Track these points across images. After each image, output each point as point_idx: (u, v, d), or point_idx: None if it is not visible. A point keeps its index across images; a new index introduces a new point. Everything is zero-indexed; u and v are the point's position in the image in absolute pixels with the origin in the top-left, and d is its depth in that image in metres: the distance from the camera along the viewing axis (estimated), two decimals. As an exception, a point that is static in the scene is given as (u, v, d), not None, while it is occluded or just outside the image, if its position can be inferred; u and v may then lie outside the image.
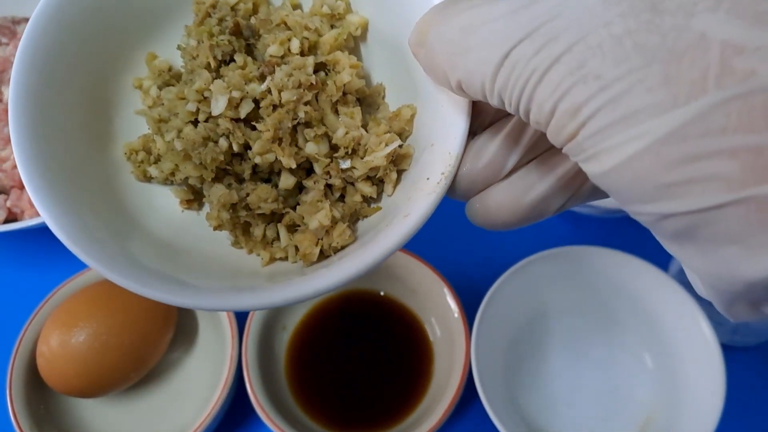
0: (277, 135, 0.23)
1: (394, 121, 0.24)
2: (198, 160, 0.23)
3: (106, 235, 0.22)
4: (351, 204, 0.24)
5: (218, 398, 0.37)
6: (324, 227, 0.23)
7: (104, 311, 0.38)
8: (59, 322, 0.38)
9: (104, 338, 0.37)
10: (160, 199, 0.25)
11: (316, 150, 0.23)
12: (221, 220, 0.24)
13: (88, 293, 0.40)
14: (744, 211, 0.14)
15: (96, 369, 0.38)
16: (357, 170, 0.23)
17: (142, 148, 0.25)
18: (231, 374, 0.38)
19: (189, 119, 0.24)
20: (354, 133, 0.23)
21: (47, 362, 0.38)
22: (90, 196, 0.23)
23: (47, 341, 0.38)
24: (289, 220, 0.24)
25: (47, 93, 0.23)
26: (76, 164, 0.23)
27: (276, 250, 0.24)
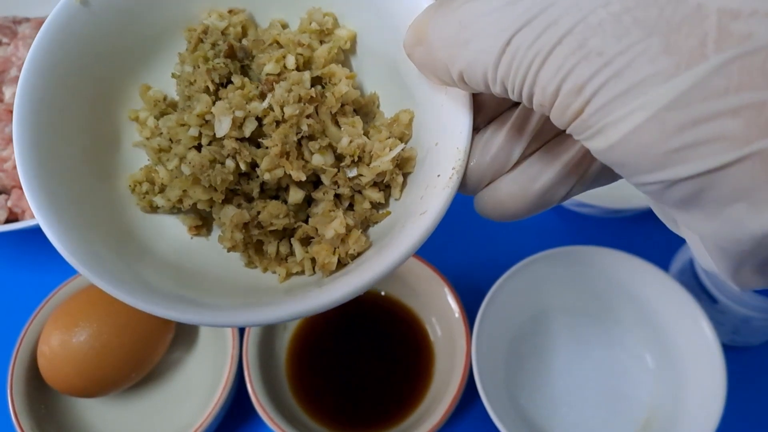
0: (284, 150, 0.23)
1: (393, 127, 0.24)
2: (207, 183, 0.23)
3: (120, 263, 0.22)
4: (361, 211, 0.24)
5: (219, 398, 0.37)
6: (340, 235, 0.23)
7: (105, 311, 0.38)
8: (60, 322, 0.38)
9: (105, 338, 0.37)
10: (168, 227, 0.25)
11: (323, 161, 0.24)
12: (235, 240, 0.24)
13: (89, 293, 0.40)
14: (749, 167, 0.14)
15: (97, 369, 0.38)
16: (364, 177, 0.24)
17: (146, 179, 0.25)
18: (232, 374, 0.38)
19: (192, 144, 0.24)
20: (358, 140, 0.24)
21: (48, 362, 0.38)
22: (99, 228, 0.23)
23: (48, 341, 0.38)
24: (302, 233, 0.24)
25: (50, 128, 0.23)
26: (82, 198, 0.23)
27: (292, 265, 0.24)
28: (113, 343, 0.37)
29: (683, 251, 0.42)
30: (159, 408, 0.42)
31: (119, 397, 0.42)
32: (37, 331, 0.40)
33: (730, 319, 0.39)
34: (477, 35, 0.17)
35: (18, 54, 0.51)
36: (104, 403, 0.42)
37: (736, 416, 0.37)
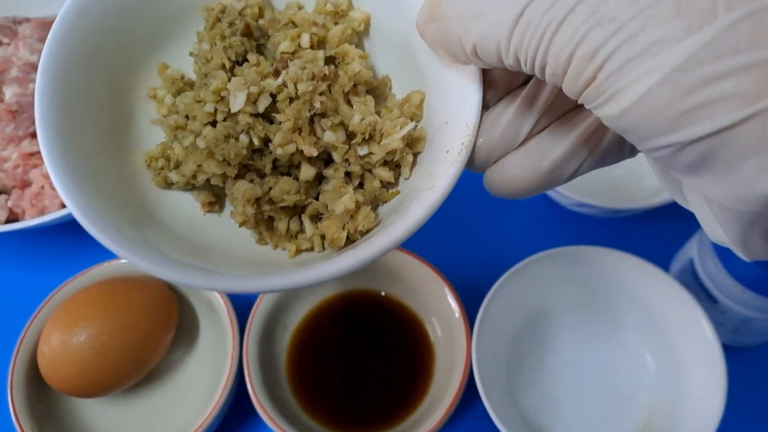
0: (296, 125, 0.23)
1: (405, 107, 0.25)
2: (221, 157, 0.24)
3: (135, 233, 0.23)
4: (370, 190, 0.25)
5: (219, 398, 0.37)
6: (349, 211, 0.24)
7: (105, 311, 0.38)
8: (60, 322, 0.38)
9: (105, 338, 0.37)
10: (182, 204, 0.26)
11: (334, 138, 0.24)
12: (246, 215, 0.24)
13: (89, 293, 0.40)
14: (760, 124, 0.14)
15: (97, 369, 0.38)
16: (375, 155, 0.24)
17: (161, 156, 0.26)
18: (232, 374, 0.38)
19: (207, 120, 0.25)
20: (369, 118, 0.24)
21: (48, 362, 0.38)
22: (116, 201, 0.24)
23: (48, 341, 0.38)
24: (312, 210, 0.25)
25: (69, 105, 0.24)
26: (101, 173, 0.24)
27: (302, 242, 0.25)
28: (113, 343, 0.37)
29: (683, 251, 0.42)
30: (159, 408, 0.42)
31: (119, 397, 0.42)
32: (38, 331, 0.40)
33: (730, 319, 0.39)
34: (490, 8, 0.17)
35: (18, 54, 0.51)
36: (104, 403, 0.42)
37: (736, 416, 0.37)
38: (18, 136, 0.48)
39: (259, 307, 0.40)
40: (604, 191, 0.45)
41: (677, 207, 0.43)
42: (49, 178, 0.47)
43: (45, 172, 0.47)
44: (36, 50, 0.51)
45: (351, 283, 0.44)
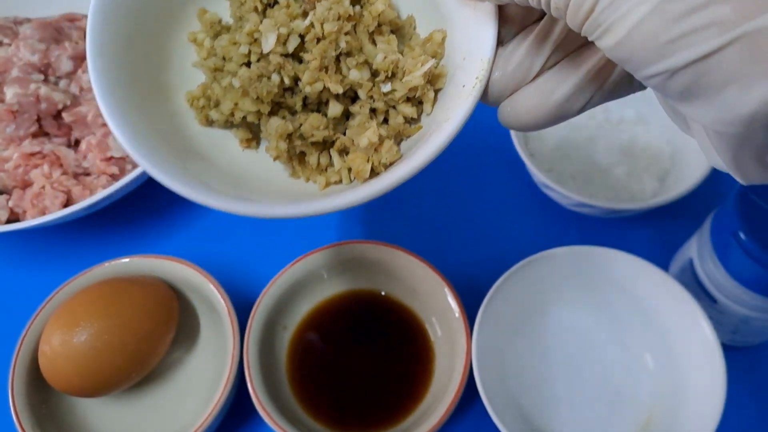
0: (323, 63, 0.25)
1: (427, 45, 0.27)
2: (255, 95, 0.26)
3: (179, 164, 0.25)
4: (394, 125, 0.26)
5: (219, 397, 0.37)
6: (373, 144, 0.26)
7: (106, 311, 0.38)
8: (61, 322, 0.38)
9: (106, 338, 0.37)
10: (222, 141, 0.28)
11: (359, 76, 0.26)
12: (279, 150, 0.26)
13: (90, 293, 0.40)
14: (738, 50, 0.16)
15: (98, 368, 0.38)
16: (397, 91, 0.26)
17: (202, 95, 0.28)
18: (232, 373, 0.38)
19: (242, 62, 0.27)
20: (392, 57, 0.26)
21: (49, 362, 0.38)
22: (161, 136, 0.26)
23: (49, 341, 0.38)
24: (340, 144, 0.27)
25: (117, 51, 0.26)
26: (148, 112, 0.26)
27: (331, 175, 0.27)
28: (114, 342, 0.38)
29: (683, 251, 0.42)
30: (160, 407, 0.42)
31: (120, 397, 0.42)
32: (38, 331, 0.40)
33: (730, 319, 0.39)
34: None
35: (19, 54, 0.51)
36: (105, 403, 0.42)
37: (736, 415, 0.37)
38: (19, 137, 0.48)
39: (259, 306, 0.40)
40: (604, 191, 0.45)
41: (677, 207, 0.44)
42: (50, 179, 0.47)
43: (45, 172, 0.47)
44: (37, 50, 0.51)
45: (351, 282, 0.44)
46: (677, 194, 0.42)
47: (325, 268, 0.43)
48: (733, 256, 0.35)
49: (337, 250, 0.42)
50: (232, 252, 0.50)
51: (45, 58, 0.51)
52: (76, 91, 0.52)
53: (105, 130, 0.49)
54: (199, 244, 0.50)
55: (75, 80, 0.52)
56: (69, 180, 0.47)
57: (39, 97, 0.49)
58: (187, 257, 0.43)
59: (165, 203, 0.53)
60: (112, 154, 0.48)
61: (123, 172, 0.48)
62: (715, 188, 0.49)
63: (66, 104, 0.50)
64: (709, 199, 0.49)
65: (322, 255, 0.42)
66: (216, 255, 0.49)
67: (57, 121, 0.50)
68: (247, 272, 0.48)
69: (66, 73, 0.52)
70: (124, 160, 0.48)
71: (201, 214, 0.52)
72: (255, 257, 0.49)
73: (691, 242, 0.41)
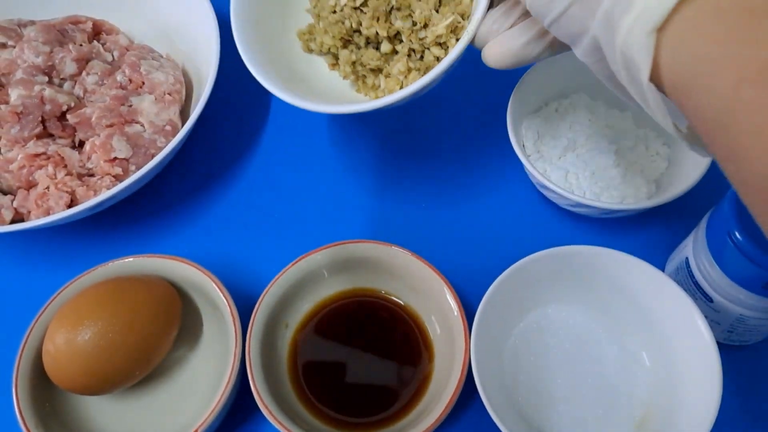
0: (375, 14, 0.38)
1: (457, 6, 0.38)
2: (332, 34, 0.40)
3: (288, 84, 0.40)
4: (427, 61, 0.39)
5: (222, 395, 0.38)
6: (402, 72, 0.39)
7: (110, 310, 0.39)
8: (65, 321, 0.39)
9: (110, 336, 0.38)
10: (317, 65, 0.44)
11: (402, 25, 0.38)
12: (346, 72, 0.42)
13: (93, 292, 0.40)
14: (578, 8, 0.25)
15: (101, 367, 0.38)
16: (428, 38, 0.38)
17: (307, 32, 0.43)
18: (235, 371, 0.39)
19: (331, 11, 0.40)
20: (426, 13, 0.38)
21: (53, 360, 0.38)
22: (277, 64, 0.41)
23: (53, 339, 0.38)
24: (386, 72, 0.41)
25: (254, 16, 0.41)
26: (269, 43, 0.42)
27: (379, 93, 0.41)
28: (118, 341, 0.38)
29: (678, 251, 0.43)
30: (163, 405, 0.43)
31: (123, 395, 0.43)
32: (43, 330, 0.40)
33: (726, 318, 0.39)
34: None
35: (23, 57, 0.51)
36: (108, 401, 0.43)
37: (731, 413, 0.37)
38: (23, 138, 0.49)
39: (261, 305, 0.41)
40: (601, 192, 0.46)
41: (673, 208, 0.44)
42: (54, 179, 0.47)
43: (50, 173, 0.48)
44: (41, 53, 0.51)
45: (351, 281, 0.44)
46: (673, 195, 0.42)
47: (326, 267, 0.43)
48: (729, 256, 0.36)
49: (337, 249, 0.42)
50: (234, 251, 0.50)
51: (49, 60, 0.52)
52: (80, 92, 0.52)
53: (109, 132, 0.49)
54: (202, 243, 0.51)
55: (79, 82, 0.52)
56: (73, 181, 0.48)
57: (43, 98, 0.49)
58: (189, 257, 0.43)
59: (168, 204, 0.53)
60: (116, 155, 0.48)
61: (126, 173, 0.49)
62: (710, 189, 0.49)
63: (70, 106, 0.50)
64: (705, 199, 0.49)
65: (322, 254, 0.42)
66: (218, 254, 0.49)
67: (61, 123, 0.50)
68: (248, 271, 0.48)
69: (70, 75, 0.52)
70: (128, 161, 0.49)
71: (203, 215, 0.52)
72: (256, 257, 0.50)
73: (687, 242, 0.41)
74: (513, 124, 0.46)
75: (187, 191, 0.53)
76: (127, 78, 0.52)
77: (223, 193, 0.53)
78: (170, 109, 0.51)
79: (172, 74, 0.53)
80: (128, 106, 0.51)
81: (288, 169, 0.53)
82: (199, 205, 0.53)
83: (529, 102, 0.49)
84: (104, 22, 0.58)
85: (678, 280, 0.40)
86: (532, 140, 0.48)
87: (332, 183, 0.52)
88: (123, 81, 0.52)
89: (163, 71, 0.53)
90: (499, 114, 0.46)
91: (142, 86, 0.52)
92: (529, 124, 0.48)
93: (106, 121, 0.49)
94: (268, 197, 0.53)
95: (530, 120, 0.49)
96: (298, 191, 0.52)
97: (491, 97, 0.55)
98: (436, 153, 0.52)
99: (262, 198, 0.53)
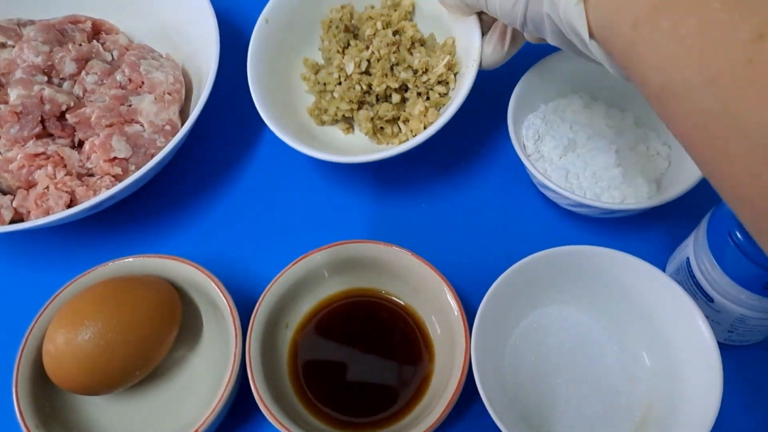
0: (384, 72, 0.45)
1: (444, 48, 0.46)
2: (348, 99, 0.46)
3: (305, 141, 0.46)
4: (434, 100, 0.46)
5: (222, 395, 0.38)
6: (422, 112, 0.45)
7: (110, 310, 0.39)
8: (65, 321, 0.39)
9: (110, 336, 0.38)
10: (332, 132, 0.50)
11: (406, 75, 0.45)
12: (368, 128, 0.47)
13: (94, 292, 0.40)
14: None
15: (102, 367, 0.38)
16: (431, 79, 0.45)
17: (315, 108, 0.49)
18: (235, 372, 0.39)
19: (336, 83, 0.46)
20: (424, 59, 0.45)
21: (53, 360, 0.38)
22: (299, 133, 0.47)
23: (53, 339, 0.38)
24: (404, 117, 0.46)
25: (264, 84, 0.47)
26: (288, 120, 0.48)
27: (402, 137, 0.47)
28: (118, 341, 0.38)
29: (679, 251, 0.43)
30: (163, 405, 0.43)
31: (124, 395, 0.43)
32: (42, 330, 0.40)
33: (726, 318, 0.39)
34: None
35: (23, 56, 0.51)
36: (109, 401, 0.43)
37: (732, 413, 0.37)
38: (23, 137, 0.49)
39: (261, 305, 0.41)
40: (601, 192, 0.46)
41: (673, 207, 0.44)
42: (54, 179, 0.47)
43: (49, 173, 0.48)
44: (40, 52, 0.51)
45: (352, 281, 0.44)
46: (674, 195, 0.42)
47: (326, 267, 0.43)
48: (730, 256, 0.36)
49: (338, 249, 0.42)
50: (234, 252, 0.50)
51: (48, 60, 0.52)
52: (80, 92, 0.52)
53: (108, 132, 0.49)
54: (202, 244, 0.51)
55: (78, 82, 0.52)
56: (73, 180, 0.48)
57: (43, 98, 0.49)
58: (189, 257, 0.43)
59: (168, 204, 0.53)
60: (116, 155, 0.48)
61: (126, 172, 0.49)
62: (711, 188, 0.49)
63: (69, 105, 0.50)
64: (706, 199, 0.49)
65: (323, 254, 0.42)
66: (218, 255, 0.49)
67: (61, 123, 0.50)
68: (248, 272, 0.48)
69: (69, 75, 0.52)
70: (127, 161, 0.49)
71: (203, 215, 0.52)
72: (256, 257, 0.50)
73: (687, 242, 0.41)
74: (513, 124, 0.46)
75: (187, 191, 0.53)
76: (126, 78, 0.52)
77: (222, 193, 0.53)
78: (170, 109, 0.51)
79: (171, 74, 0.53)
80: (128, 106, 0.51)
81: (288, 169, 0.53)
82: (199, 206, 0.53)
83: (530, 102, 0.49)
84: (104, 22, 0.57)
85: (679, 280, 0.40)
86: (532, 140, 0.48)
87: (333, 183, 0.52)
88: (122, 81, 0.52)
89: (162, 71, 0.53)
90: (499, 114, 0.46)
91: (141, 86, 0.52)
92: (529, 124, 0.48)
93: (106, 121, 0.49)
94: (268, 197, 0.53)
95: (531, 120, 0.49)
96: (299, 191, 0.52)
97: (492, 98, 0.55)
98: (437, 153, 0.52)
99: (261, 198, 0.53)
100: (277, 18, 0.48)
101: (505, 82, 0.48)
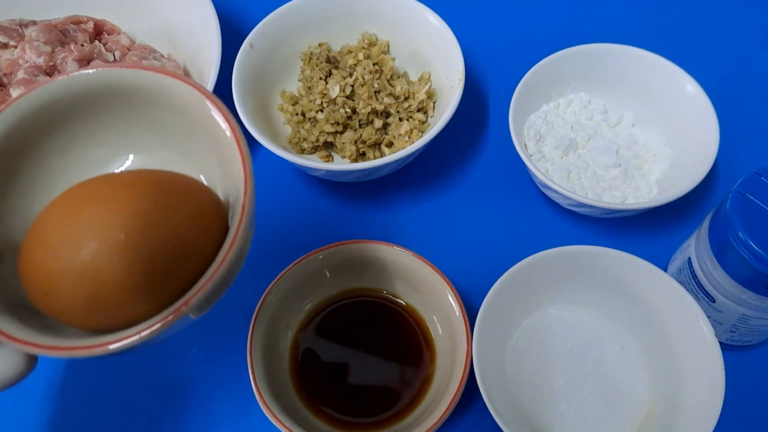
0: (369, 95, 0.47)
1: (422, 79, 0.50)
2: (332, 122, 0.47)
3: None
4: (414, 125, 0.49)
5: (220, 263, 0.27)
6: (407, 132, 0.48)
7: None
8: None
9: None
10: (312, 161, 0.48)
11: (388, 101, 0.48)
12: (351, 151, 0.48)
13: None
14: None
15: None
16: (412, 105, 0.49)
17: (294, 137, 0.50)
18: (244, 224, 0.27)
19: (318, 109, 0.48)
20: (405, 87, 0.49)
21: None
22: None
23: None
24: (386, 141, 0.49)
25: (246, 109, 0.47)
26: (274, 140, 0.48)
27: None
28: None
29: (681, 250, 0.43)
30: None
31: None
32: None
33: (728, 318, 0.39)
34: None
35: (25, 57, 0.51)
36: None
37: (734, 414, 0.37)
38: (25, 138, 0.49)
39: (262, 305, 0.41)
40: (603, 192, 0.46)
41: (675, 207, 0.44)
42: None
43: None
44: (42, 53, 0.51)
45: (353, 281, 0.44)
46: (675, 195, 0.42)
47: (327, 267, 0.43)
48: (731, 256, 0.35)
49: (338, 249, 0.42)
50: (236, 252, 0.50)
51: (50, 60, 0.52)
52: (82, 92, 0.52)
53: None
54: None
55: (80, 82, 0.52)
56: (74, 180, 0.48)
57: (45, 98, 0.49)
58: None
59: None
60: (117, 155, 0.48)
61: (127, 172, 0.49)
62: (713, 188, 0.49)
63: (71, 106, 0.50)
64: (707, 199, 0.49)
65: (324, 255, 0.42)
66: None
67: (62, 123, 0.50)
68: (249, 272, 0.48)
69: (71, 75, 0.52)
70: (129, 161, 0.49)
71: (204, 215, 0.52)
72: (257, 257, 0.49)
73: (689, 242, 0.41)
74: (515, 124, 0.46)
75: (188, 191, 0.53)
76: (128, 78, 0.52)
77: (224, 193, 0.53)
78: (171, 109, 0.51)
79: (173, 74, 0.53)
80: (130, 106, 0.51)
81: (288, 169, 0.53)
82: (201, 205, 0.53)
83: (531, 102, 0.49)
84: (105, 22, 0.58)
85: (680, 280, 0.40)
86: (533, 140, 0.48)
87: (334, 183, 0.52)
88: (124, 81, 0.52)
89: (164, 71, 0.53)
90: (500, 114, 0.46)
91: (143, 86, 0.52)
92: (530, 125, 0.48)
93: (108, 121, 0.49)
94: (269, 197, 0.53)
95: (532, 120, 0.49)
96: (299, 190, 0.52)
97: (493, 98, 0.55)
98: (438, 153, 0.52)
99: (262, 197, 0.52)
100: (261, 44, 0.50)
101: (507, 82, 0.48)
